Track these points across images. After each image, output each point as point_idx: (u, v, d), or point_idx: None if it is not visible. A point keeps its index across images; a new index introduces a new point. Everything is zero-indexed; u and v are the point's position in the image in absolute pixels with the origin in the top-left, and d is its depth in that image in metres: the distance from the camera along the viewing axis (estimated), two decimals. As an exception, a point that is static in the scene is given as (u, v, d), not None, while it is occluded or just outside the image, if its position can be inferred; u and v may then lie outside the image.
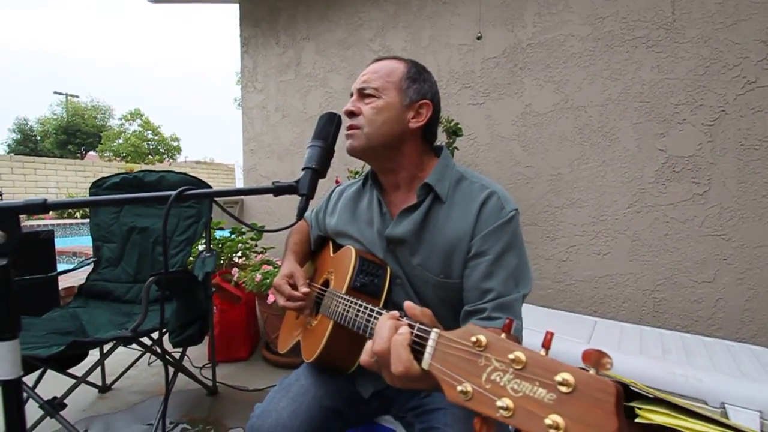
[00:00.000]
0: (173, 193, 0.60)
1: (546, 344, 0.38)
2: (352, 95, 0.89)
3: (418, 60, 0.91)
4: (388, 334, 0.52)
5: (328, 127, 0.78)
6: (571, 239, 1.89)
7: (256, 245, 2.57)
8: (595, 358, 0.33)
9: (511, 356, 0.37)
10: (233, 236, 2.52)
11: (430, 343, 0.47)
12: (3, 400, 0.53)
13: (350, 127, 0.85)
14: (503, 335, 0.41)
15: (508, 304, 0.75)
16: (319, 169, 0.74)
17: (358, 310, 0.71)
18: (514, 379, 0.36)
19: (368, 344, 0.55)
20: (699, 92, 1.61)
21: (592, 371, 0.32)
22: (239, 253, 2.54)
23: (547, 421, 0.32)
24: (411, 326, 0.52)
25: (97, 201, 0.61)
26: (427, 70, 0.89)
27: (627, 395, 0.78)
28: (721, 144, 1.58)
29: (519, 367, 0.36)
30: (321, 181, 0.76)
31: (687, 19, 1.63)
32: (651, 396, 0.76)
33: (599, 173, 1.82)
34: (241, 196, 3.43)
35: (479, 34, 1.97)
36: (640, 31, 1.71)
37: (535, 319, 1.50)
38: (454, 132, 1.86)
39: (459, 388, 0.40)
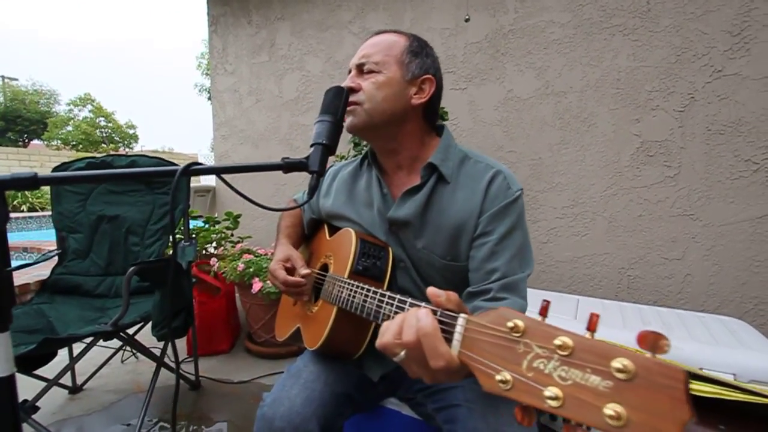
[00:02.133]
0: (179, 167, 0.55)
1: (591, 327, 0.35)
2: (350, 72, 0.85)
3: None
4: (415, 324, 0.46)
5: (336, 102, 0.74)
6: (552, 222, 1.96)
7: (231, 235, 2.48)
8: (652, 341, 0.30)
9: (557, 342, 0.34)
10: (206, 226, 2.41)
11: (458, 329, 0.44)
12: (-6, 400, 0.47)
13: (350, 104, 0.81)
14: (540, 318, 0.38)
15: (513, 284, 0.74)
16: (329, 144, 0.71)
17: (366, 296, 0.68)
18: (561, 366, 0.34)
19: (387, 328, 0.50)
20: (671, 80, 1.69)
21: (648, 355, 0.30)
22: (214, 243, 2.44)
23: (607, 411, 0.29)
24: (434, 311, 0.48)
25: (97, 175, 0.55)
26: (429, 45, 0.86)
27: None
28: (691, 129, 1.68)
29: (566, 353, 0.34)
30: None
31: (661, 9, 1.69)
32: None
33: (578, 158, 1.88)
34: (211, 186, 3.29)
35: (467, 17, 1.96)
36: (618, 19, 1.77)
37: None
38: (440, 116, 1.85)
39: (498, 377, 0.37)
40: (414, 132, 0.84)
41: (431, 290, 0.49)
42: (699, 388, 0.67)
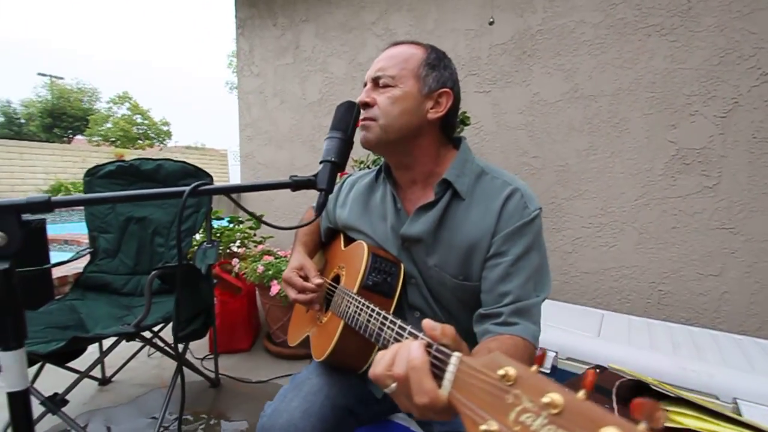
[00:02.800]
0: (187, 188, 0.56)
1: (587, 386, 0.33)
2: (365, 84, 0.83)
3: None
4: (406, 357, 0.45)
5: (347, 118, 0.73)
6: (577, 231, 1.88)
7: (254, 235, 2.53)
8: (648, 411, 0.29)
9: (545, 399, 0.32)
10: (231, 225, 2.47)
11: (450, 368, 0.42)
12: (10, 413, 0.49)
13: (365, 119, 0.79)
14: (534, 368, 0.36)
15: (526, 308, 0.71)
16: (338, 162, 0.70)
17: (371, 315, 0.67)
18: (548, 425, 0.32)
19: (381, 358, 0.48)
20: (713, 83, 1.58)
21: (642, 426, 0.28)
22: (237, 243, 2.50)
23: None
24: (429, 345, 0.46)
25: (106, 198, 0.56)
26: (447, 57, 0.83)
27: (642, 391, 0.77)
28: (733, 137, 1.56)
29: (555, 411, 0.31)
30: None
31: (703, 7, 1.58)
32: (674, 396, 0.75)
33: (607, 165, 1.79)
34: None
35: (491, 19, 1.90)
36: (654, 18, 1.67)
37: (542, 313, 1.49)
38: (462, 121, 1.81)
39: (483, 426, 0.36)
40: (429, 146, 0.82)
41: (426, 323, 0.47)
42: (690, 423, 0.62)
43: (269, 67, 2.94)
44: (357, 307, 0.72)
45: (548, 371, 1.27)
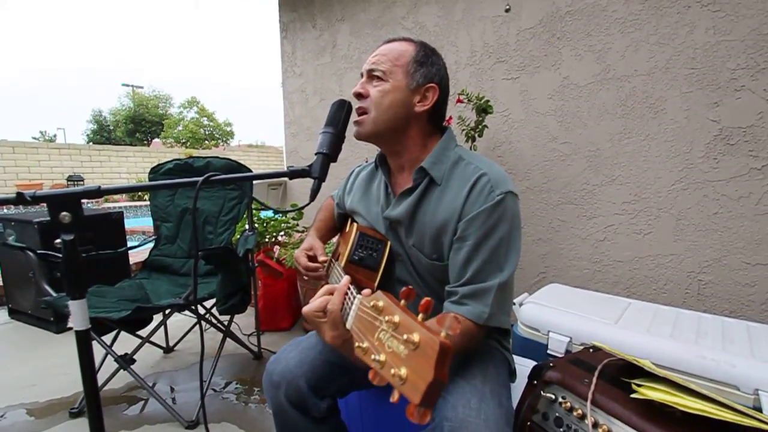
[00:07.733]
0: (200, 179, 0.69)
1: (421, 309, 0.43)
2: (362, 76, 0.90)
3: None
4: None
5: (339, 114, 0.83)
6: (610, 218, 1.81)
7: (297, 225, 2.73)
8: (449, 324, 0.39)
9: (388, 318, 0.43)
10: (278, 216, 2.69)
11: (353, 307, 0.53)
12: (77, 345, 0.66)
13: (358, 110, 0.88)
14: (401, 301, 0.45)
15: (480, 291, 0.76)
16: (330, 154, 0.80)
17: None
18: (390, 338, 0.42)
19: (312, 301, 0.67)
20: (762, 54, 1.44)
21: (443, 333, 0.38)
22: (282, 232, 2.71)
23: (393, 371, 0.39)
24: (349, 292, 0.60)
25: (133, 187, 0.72)
26: (437, 53, 0.89)
27: (633, 373, 0.78)
28: (787, 112, 1.42)
29: (394, 327, 0.42)
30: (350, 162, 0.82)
31: (751, -29, 1.44)
32: (659, 375, 0.75)
33: (642, 148, 1.71)
34: (284, 179, 3.61)
35: (507, 6, 1.88)
36: (695, -12, 1.55)
37: (564, 300, 1.48)
38: (484, 110, 1.82)
39: (358, 344, 0.47)
40: (417, 136, 0.89)
41: (346, 278, 0.65)
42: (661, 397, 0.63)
43: (309, 67, 3.11)
44: (338, 278, 0.82)
45: (561, 356, 1.28)
